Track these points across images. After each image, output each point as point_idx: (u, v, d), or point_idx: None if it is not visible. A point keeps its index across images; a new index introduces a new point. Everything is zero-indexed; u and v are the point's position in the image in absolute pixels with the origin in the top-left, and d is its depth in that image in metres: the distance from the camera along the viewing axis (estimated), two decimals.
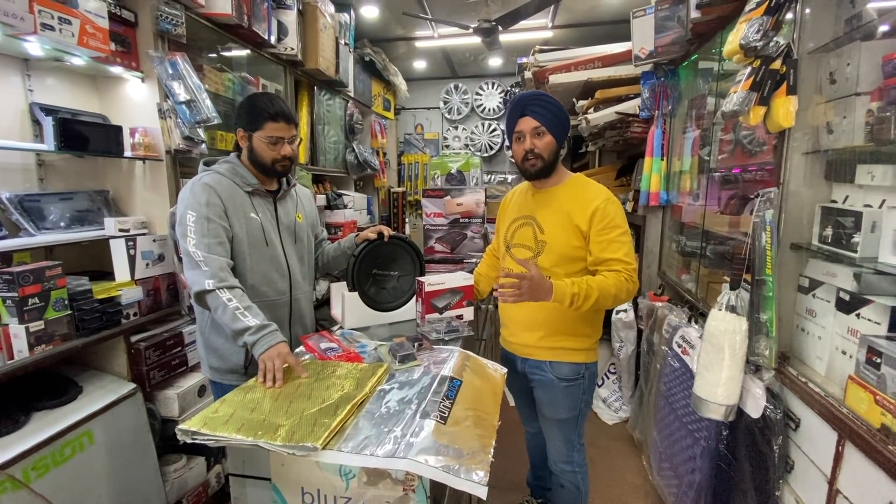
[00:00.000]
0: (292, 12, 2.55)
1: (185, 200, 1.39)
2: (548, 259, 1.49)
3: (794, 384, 1.32)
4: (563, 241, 1.47)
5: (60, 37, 1.43)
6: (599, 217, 1.42)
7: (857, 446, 1.06)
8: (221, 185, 1.43)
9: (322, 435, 0.93)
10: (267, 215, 1.52)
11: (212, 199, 1.39)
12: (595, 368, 1.61)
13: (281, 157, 1.47)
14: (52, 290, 1.45)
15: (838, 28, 1.30)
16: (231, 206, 1.42)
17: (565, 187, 1.53)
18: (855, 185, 1.27)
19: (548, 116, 1.45)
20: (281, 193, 1.57)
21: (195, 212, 1.36)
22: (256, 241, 1.47)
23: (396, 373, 1.27)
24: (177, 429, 0.97)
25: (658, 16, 2.24)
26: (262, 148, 1.45)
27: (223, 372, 1.51)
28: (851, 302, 1.22)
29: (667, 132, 2.52)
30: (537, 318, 1.53)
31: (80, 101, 1.85)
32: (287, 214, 1.58)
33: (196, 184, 1.41)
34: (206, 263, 1.32)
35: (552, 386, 1.56)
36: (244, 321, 1.27)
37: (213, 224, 1.37)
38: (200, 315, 1.51)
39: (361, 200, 3.79)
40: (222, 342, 1.48)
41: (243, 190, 1.46)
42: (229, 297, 1.30)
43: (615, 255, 1.41)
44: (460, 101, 5.48)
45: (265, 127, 1.43)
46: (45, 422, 1.43)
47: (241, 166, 1.50)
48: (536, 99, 1.46)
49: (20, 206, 1.60)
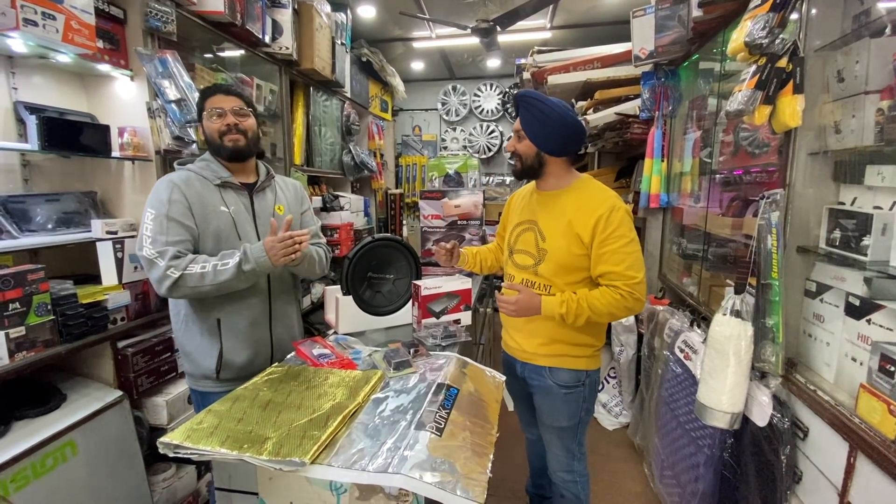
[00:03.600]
0: (287, 11, 2.50)
1: (149, 199, 1.37)
2: (548, 268, 1.45)
3: (802, 392, 1.28)
4: (564, 249, 1.41)
5: (44, 33, 1.38)
6: (602, 227, 1.36)
7: (870, 458, 1.02)
8: (188, 182, 1.40)
9: (311, 449, 0.88)
10: (240, 208, 1.47)
11: (174, 195, 1.35)
12: (596, 376, 1.56)
13: (225, 127, 1.42)
14: (35, 295, 1.39)
15: (846, 25, 1.27)
16: (197, 203, 1.38)
17: (570, 192, 1.46)
18: (864, 187, 1.24)
19: (529, 121, 1.42)
20: (258, 185, 1.53)
21: (154, 209, 1.34)
22: (227, 235, 1.43)
23: (391, 380, 1.22)
24: (158, 442, 0.92)
25: (658, 15, 2.21)
26: (209, 125, 1.44)
27: (196, 378, 1.48)
28: (862, 307, 1.18)
29: (667, 133, 2.48)
30: (537, 324, 1.48)
31: (67, 100, 1.80)
32: (265, 207, 1.53)
33: (161, 181, 1.39)
34: (162, 257, 1.29)
35: (551, 392, 1.51)
36: (230, 267, 1.30)
37: (173, 223, 1.34)
38: (174, 318, 1.48)
39: (358, 202, 3.74)
40: (195, 346, 1.45)
41: (213, 184, 1.43)
42: (201, 265, 1.30)
43: (615, 267, 1.35)
44: (458, 103, 5.45)
45: (206, 105, 1.44)
46: (25, 431, 1.37)
47: (214, 161, 1.47)
48: (526, 100, 1.41)
49: (3, 207, 1.55)
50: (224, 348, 1.45)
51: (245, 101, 1.49)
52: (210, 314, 1.44)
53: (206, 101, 1.45)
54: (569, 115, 1.40)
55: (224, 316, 1.45)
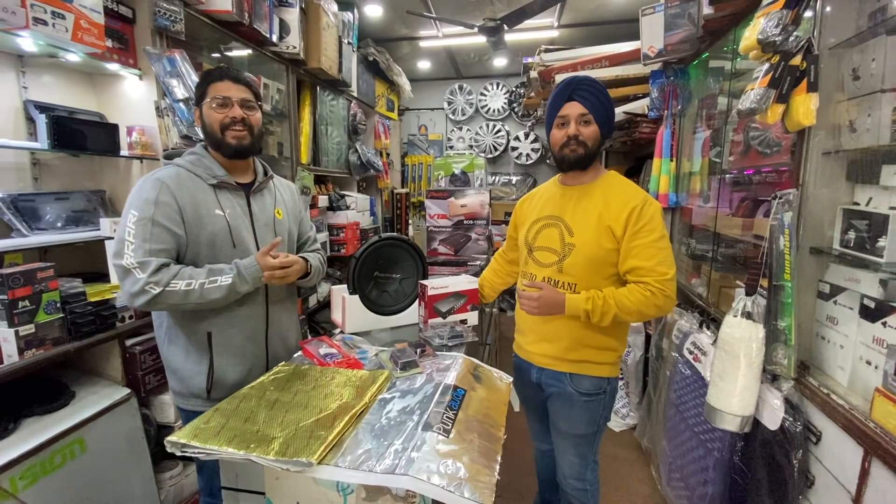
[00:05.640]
0: (294, 10, 2.51)
1: (131, 198, 1.21)
2: (575, 263, 1.37)
3: (815, 395, 1.26)
4: (594, 243, 1.34)
5: (54, 32, 1.39)
6: (635, 219, 1.29)
7: (886, 463, 1.00)
8: (178, 181, 1.24)
9: (318, 449, 0.87)
10: (237, 211, 1.32)
11: (162, 197, 1.20)
12: (616, 384, 1.49)
13: (230, 119, 1.27)
14: (44, 293, 1.40)
15: (862, 22, 1.25)
16: (189, 205, 1.23)
17: (600, 185, 1.40)
18: (880, 187, 1.21)
19: (596, 105, 1.35)
20: (256, 186, 1.38)
21: (138, 211, 1.18)
22: (222, 242, 1.27)
23: (398, 381, 1.21)
24: (166, 440, 0.92)
25: (668, 13, 2.18)
26: (210, 115, 1.27)
27: (184, 396, 1.33)
28: (877, 309, 1.16)
29: (676, 132, 2.46)
30: (560, 328, 1.41)
31: (77, 99, 1.81)
32: (264, 210, 1.39)
33: (147, 179, 1.23)
34: (143, 268, 1.14)
35: (571, 399, 1.45)
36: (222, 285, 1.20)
37: (159, 228, 1.18)
38: (157, 330, 1.35)
39: (364, 202, 3.75)
40: (180, 362, 1.30)
41: (207, 183, 1.28)
42: (186, 281, 1.17)
43: (646, 262, 1.28)
44: (465, 102, 5.44)
45: (209, 91, 1.27)
46: (35, 428, 1.38)
47: (207, 156, 1.32)
48: (587, 84, 1.34)
49: (13, 206, 1.56)
50: (215, 366, 1.30)
51: (254, 92, 1.34)
52: (198, 327, 1.29)
53: (209, 85, 1.28)
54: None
55: (216, 329, 1.29)
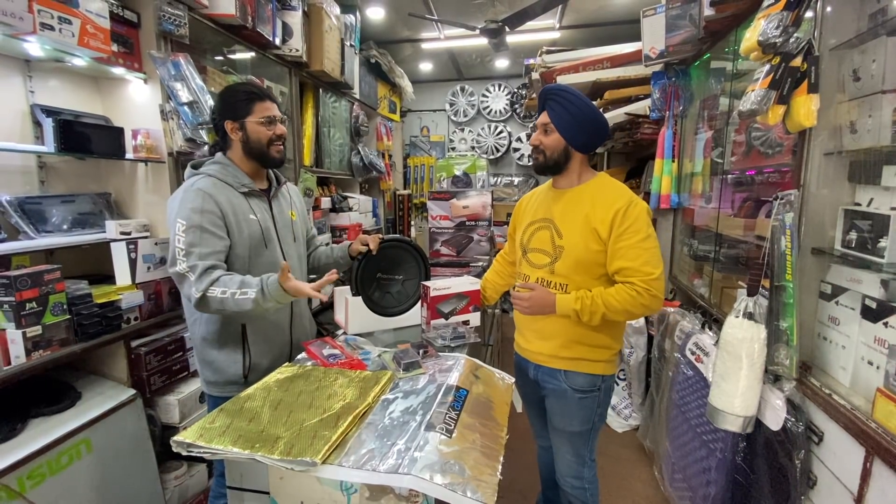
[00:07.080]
0: (297, 13, 2.52)
1: (175, 209, 1.31)
2: (565, 265, 1.41)
3: (817, 395, 1.26)
4: (582, 245, 1.38)
5: (60, 37, 1.41)
6: (619, 221, 1.33)
7: (888, 463, 1.00)
8: (216, 189, 1.35)
9: (322, 449, 0.88)
10: (265, 215, 1.46)
11: (207, 205, 1.31)
12: (612, 381, 1.52)
13: (277, 136, 1.42)
14: (51, 295, 1.42)
15: (862, 23, 1.25)
16: (230, 212, 1.35)
17: (588, 187, 1.45)
18: (881, 187, 1.21)
19: (561, 114, 1.39)
20: (273, 192, 1.53)
21: (186, 220, 1.28)
22: (256, 244, 1.41)
23: (400, 381, 1.22)
24: (172, 440, 0.94)
25: (669, 14, 2.19)
26: (259, 131, 1.39)
27: (220, 385, 1.45)
28: (879, 310, 1.16)
29: (678, 133, 2.46)
30: (554, 326, 1.45)
31: (83, 103, 1.83)
32: (282, 213, 1.53)
33: (188, 190, 1.33)
34: (192, 271, 1.26)
35: (565, 396, 1.48)
36: (248, 297, 1.25)
37: (207, 234, 1.29)
38: (192, 328, 1.45)
39: (367, 203, 3.76)
40: (216, 354, 1.43)
41: (238, 192, 1.40)
42: (222, 289, 1.25)
43: (632, 263, 1.32)
44: (466, 104, 5.45)
45: (255, 109, 1.39)
46: (41, 429, 1.40)
47: (232, 165, 1.43)
48: (556, 94, 1.40)
49: (20, 208, 1.58)
50: (252, 352, 1.44)
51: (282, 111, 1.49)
52: (233, 321, 1.42)
53: (255, 103, 1.39)
54: (597, 111, 1.41)
55: (249, 322, 1.43)
